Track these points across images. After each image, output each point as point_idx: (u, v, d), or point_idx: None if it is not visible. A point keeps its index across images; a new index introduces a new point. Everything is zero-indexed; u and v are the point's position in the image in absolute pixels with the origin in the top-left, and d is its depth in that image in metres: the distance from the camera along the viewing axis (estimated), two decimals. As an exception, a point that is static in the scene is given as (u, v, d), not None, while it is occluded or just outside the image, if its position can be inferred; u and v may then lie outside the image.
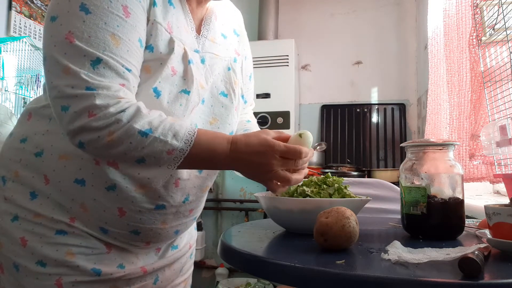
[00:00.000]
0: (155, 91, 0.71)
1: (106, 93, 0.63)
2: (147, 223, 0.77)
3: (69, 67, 0.62)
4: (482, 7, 1.44)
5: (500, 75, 1.32)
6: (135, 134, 0.63)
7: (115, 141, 0.63)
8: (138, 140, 0.64)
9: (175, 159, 0.66)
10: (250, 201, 2.88)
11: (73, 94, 0.62)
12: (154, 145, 0.64)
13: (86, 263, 0.73)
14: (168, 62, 0.72)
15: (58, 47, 0.63)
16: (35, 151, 0.75)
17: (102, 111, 0.62)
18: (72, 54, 0.63)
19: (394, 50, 2.91)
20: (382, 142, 2.82)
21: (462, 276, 0.50)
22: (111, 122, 0.63)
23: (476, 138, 1.44)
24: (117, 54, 0.65)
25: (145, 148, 0.64)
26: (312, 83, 3.05)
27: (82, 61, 0.62)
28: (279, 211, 0.84)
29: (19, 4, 1.96)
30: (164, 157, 0.66)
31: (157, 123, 0.65)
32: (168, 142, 0.65)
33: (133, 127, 0.63)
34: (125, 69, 0.66)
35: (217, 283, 2.74)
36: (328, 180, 0.88)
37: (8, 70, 1.80)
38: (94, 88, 0.62)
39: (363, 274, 0.52)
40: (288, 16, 3.09)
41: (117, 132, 0.63)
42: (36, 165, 0.74)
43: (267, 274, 0.63)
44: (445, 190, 0.79)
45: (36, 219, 0.72)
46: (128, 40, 0.67)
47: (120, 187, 0.73)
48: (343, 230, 0.63)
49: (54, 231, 0.72)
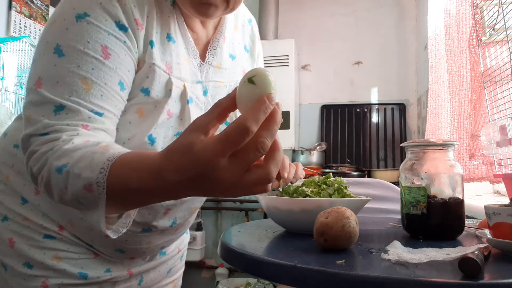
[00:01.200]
0: (150, 138, 0.68)
1: (51, 136, 0.56)
2: (133, 244, 0.76)
3: (30, 115, 0.59)
4: (482, 7, 1.44)
5: (500, 75, 1.32)
6: (54, 173, 0.53)
7: (47, 185, 0.55)
8: (58, 179, 0.53)
9: (99, 196, 0.50)
10: (250, 201, 2.88)
11: (29, 142, 0.58)
12: (71, 182, 0.52)
13: (72, 268, 0.73)
14: (165, 107, 0.69)
15: (28, 94, 0.61)
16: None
17: (36, 152, 0.56)
18: (36, 101, 0.59)
19: (394, 50, 2.91)
20: (382, 142, 2.82)
21: (462, 276, 0.50)
22: (42, 164, 0.55)
23: (476, 138, 1.44)
24: (86, 99, 0.59)
25: (68, 187, 0.52)
26: (312, 83, 3.05)
27: (44, 108, 0.58)
28: (279, 211, 0.84)
29: (19, 4, 1.96)
30: (86, 195, 0.51)
31: (77, 155, 0.53)
32: (81, 175, 0.51)
33: (53, 164, 0.53)
34: (93, 113, 0.60)
35: (217, 283, 2.73)
36: (328, 180, 0.88)
37: (8, 70, 1.80)
38: (46, 132, 0.57)
39: (363, 274, 0.52)
40: (288, 16, 3.09)
41: (45, 174, 0.54)
42: (26, 174, 0.68)
43: (267, 274, 0.63)
44: (445, 190, 0.79)
45: (25, 222, 0.72)
46: (104, 84, 0.61)
47: None
48: (343, 230, 0.63)
49: (42, 235, 0.72)
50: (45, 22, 2.15)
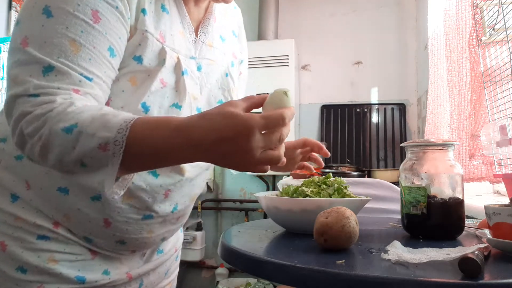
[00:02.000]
0: (144, 106, 0.67)
1: (45, 98, 0.56)
2: (133, 233, 0.74)
3: (17, 76, 0.58)
4: (482, 7, 1.44)
5: (500, 75, 1.32)
6: (60, 133, 0.54)
7: (45, 146, 0.55)
8: (65, 139, 0.54)
9: (114, 155, 0.53)
10: (250, 201, 2.88)
11: (16, 102, 0.57)
12: (84, 142, 0.54)
13: (69, 271, 0.69)
14: (158, 75, 0.68)
15: (13, 53, 0.60)
16: (15, 153, 0.70)
17: (32, 113, 0.56)
18: (23, 60, 0.58)
19: (394, 50, 2.91)
20: (382, 142, 2.82)
21: (462, 276, 0.50)
22: (38, 125, 0.55)
23: (476, 138, 1.44)
24: (74, 61, 0.59)
25: (76, 147, 0.54)
26: (312, 83, 3.05)
27: (32, 68, 0.57)
28: (279, 211, 0.84)
29: (19, 4, 1.96)
30: (99, 155, 0.53)
31: (86, 116, 0.55)
32: (96, 134, 0.53)
33: (58, 125, 0.54)
34: (83, 77, 0.59)
35: (217, 283, 2.74)
36: (328, 180, 0.88)
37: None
38: (36, 94, 0.56)
39: (363, 274, 0.52)
40: (288, 16, 3.09)
41: (44, 135, 0.55)
42: (17, 169, 0.69)
43: (267, 274, 0.63)
44: (445, 190, 0.79)
45: (17, 222, 0.68)
46: (93, 48, 0.60)
47: (105, 197, 0.68)
48: (343, 230, 0.63)
49: (36, 236, 0.68)
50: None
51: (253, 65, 2.79)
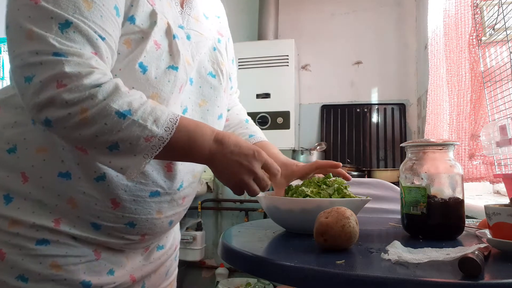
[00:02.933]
0: (141, 66, 0.66)
1: (77, 60, 0.55)
2: (143, 213, 0.72)
3: (32, 30, 0.55)
4: (482, 7, 1.44)
5: (500, 75, 1.32)
6: (112, 115, 0.56)
7: (88, 120, 0.56)
8: (115, 121, 0.56)
9: (153, 147, 0.59)
10: (250, 201, 2.88)
11: (38, 61, 0.54)
12: (132, 129, 0.57)
13: (74, 275, 0.66)
14: (151, 36, 0.67)
15: (22, 10, 0.56)
16: (6, 147, 0.66)
17: (73, 81, 0.55)
18: (37, 16, 0.55)
19: (394, 50, 2.91)
20: (382, 142, 2.82)
21: (462, 276, 0.50)
22: (85, 97, 0.55)
23: (476, 138, 1.44)
24: (89, 18, 0.58)
25: (121, 131, 0.57)
26: (312, 83, 3.05)
27: (48, 23, 0.55)
28: (279, 211, 0.84)
29: (19, 4, 1.96)
30: (141, 144, 0.58)
31: (138, 105, 0.58)
32: (147, 127, 0.58)
33: (110, 106, 0.56)
34: (98, 36, 0.59)
35: (217, 283, 2.74)
36: (328, 180, 0.88)
37: (8, 70, 1.80)
38: (62, 53, 0.55)
39: (363, 274, 0.52)
40: (288, 16, 3.09)
41: (91, 109, 0.55)
42: (10, 163, 0.66)
43: (267, 274, 0.63)
44: (445, 190, 0.79)
45: (13, 228, 0.64)
46: (102, 5, 0.59)
47: (110, 176, 0.67)
48: (343, 230, 0.63)
49: (35, 241, 0.64)
50: (45, 22, 2.15)
51: (253, 65, 2.79)
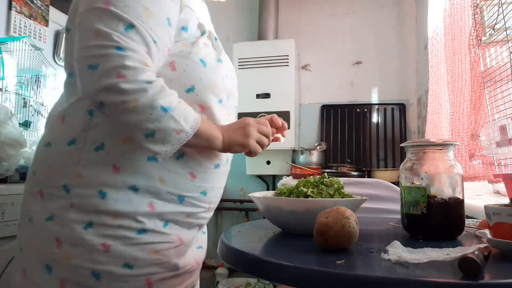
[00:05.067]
0: (202, 61, 0.81)
1: (135, 56, 0.67)
2: (210, 182, 0.85)
3: (100, 29, 0.66)
4: (482, 7, 1.44)
5: (500, 75, 1.32)
6: (158, 108, 0.69)
7: (138, 108, 0.67)
8: (158, 114, 0.69)
9: (179, 140, 0.72)
10: (250, 201, 2.88)
11: (102, 53, 0.66)
12: (169, 122, 0.70)
13: (169, 258, 0.77)
14: (200, 39, 0.83)
15: (93, 13, 0.68)
16: (93, 146, 0.75)
17: (131, 75, 0.66)
18: (106, 18, 0.67)
19: (394, 50, 2.91)
20: (382, 142, 2.82)
21: (462, 276, 0.50)
22: (139, 89, 0.67)
23: (476, 138, 1.44)
24: (147, 24, 0.70)
25: (160, 123, 0.69)
26: (312, 83, 3.05)
27: (115, 24, 0.67)
28: (281, 212, 0.83)
29: (19, 4, 1.96)
30: (172, 135, 0.71)
31: (176, 104, 0.72)
32: (180, 123, 0.71)
33: (157, 101, 0.69)
34: (151, 38, 0.71)
35: (217, 283, 2.73)
36: (325, 180, 0.88)
37: (8, 70, 1.80)
38: (124, 49, 0.66)
39: (363, 274, 0.52)
40: (288, 16, 3.09)
41: (141, 100, 0.67)
42: (99, 159, 0.74)
43: (267, 274, 0.63)
44: (445, 190, 0.79)
45: (116, 220, 0.72)
46: (157, 16, 0.72)
47: (187, 154, 0.80)
48: (343, 230, 0.63)
49: (136, 231, 0.73)
50: (45, 22, 2.14)
51: (253, 65, 2.79)
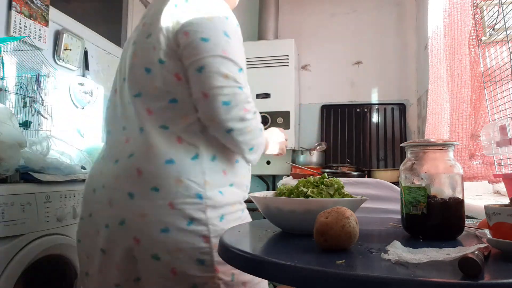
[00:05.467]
0: None
1: (248, 92, 0.94)
2: (248, 176, 1.10)
3: (227, 74, 0.90)
4: (482, 7, 1.44)
5: (500, 75, 1.32)
6: (258, 129, 0.98)
7: (251, 131, 0.95)
8: (259, 133, 0.99)
9: (263, 149, 1.06)
10: (250, 201, 2.88)
11: (233, 92, 0.90)
12: (262, 139, 1.02)
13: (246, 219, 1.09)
14: None
15: (217, 59, 0.90)
16: (209, 158, 0.97)
17: (250, 107, 0.93)
18: (227, 64, 0.90)
19: (394, 50, 2.91)
20: (382, 142, 2.82)
21: (462, 276, 0.50)
22: (252, 118, 0.94)
23: (476, 138, 1.44)
24: (245, 68, 0.96)
25: (258, 139, 0.99)
26: (312, 83, 3.05)
27: (234, 68, 0.91)
28: (281, 212, 0.83)
29: (19, 4, 1.96)
30: (262, 147, 1.04)
31: (261, 126, 1.01)
32: (264, 138, 1.05)
33: (259, 125, 0.99)
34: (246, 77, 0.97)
35: (217, 283, 2.73)
36: (325, 180, 0.88)
37: (8, 70, 1.80)
38: (243, 87, 0.92)
39: (363, 274, 0.52)
40: (288, 16, 3.09)
41: (253, 125, 0.95)
42: (215, 168, 0.97)
43: (267, 274, 0.63)
44: (445, 190, 0.79)
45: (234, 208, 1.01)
46: (244, 61, 0.97)
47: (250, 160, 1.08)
48: (343, 230, 0.63)
49: (241, 212, 1.06)
50: (45, 22, 2.14)
51: (253, 65, 2.79)
